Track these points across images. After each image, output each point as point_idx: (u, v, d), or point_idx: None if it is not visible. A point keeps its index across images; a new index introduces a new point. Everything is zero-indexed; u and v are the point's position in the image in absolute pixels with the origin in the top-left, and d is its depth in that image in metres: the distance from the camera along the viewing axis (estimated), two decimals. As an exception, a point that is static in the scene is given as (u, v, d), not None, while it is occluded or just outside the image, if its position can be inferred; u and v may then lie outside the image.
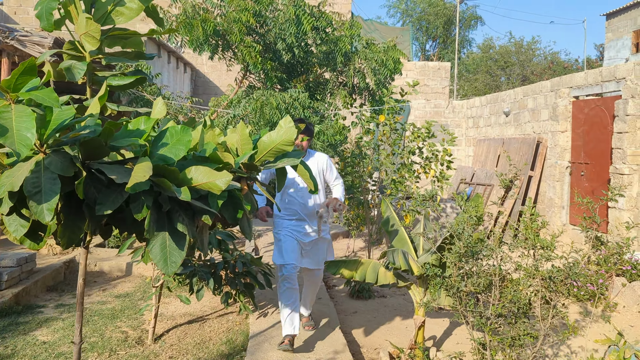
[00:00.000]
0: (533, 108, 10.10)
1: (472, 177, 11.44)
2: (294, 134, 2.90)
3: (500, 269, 3.00)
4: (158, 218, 2.62)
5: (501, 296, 2.98)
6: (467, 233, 2.92)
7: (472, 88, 27.16)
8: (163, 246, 2.60)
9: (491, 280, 3.00)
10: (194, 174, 2.54)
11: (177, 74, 13.59)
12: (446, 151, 6.10)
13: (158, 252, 2.55)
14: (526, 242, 3.15)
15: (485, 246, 2.93)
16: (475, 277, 2.96)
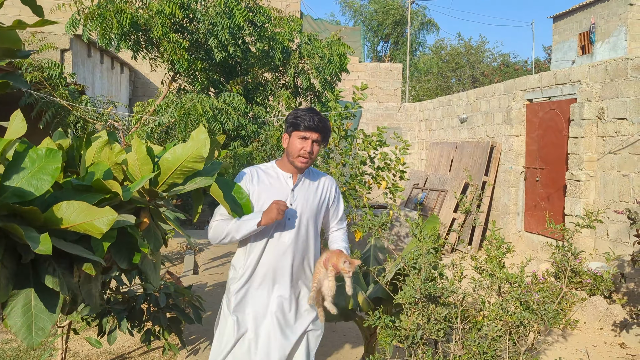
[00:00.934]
0: (486, 111, 9.81)
1: (425, 181, 11.07)
2: (203, 148, 2.28)
3: (463, 312, 2.48)
4: (17, 272, 1.96)
5: (464, 345, 2.46)
6: (425, 272, 2.38)
7: (424, 89, 27.11)
8: (26, 309, 1.94)
9: (452, 325, 2.48)
10: (65, 212, 1.88)
11: (113, 75, 12.64)
12: (399, 160, 5.60)
13: (19, 317, 1.90)
14: (492, 278, 2.65)
15: (444, 289, 2.39)
16: (433, 322, 2.42)
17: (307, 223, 2.54)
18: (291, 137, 2.52)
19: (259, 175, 2.55)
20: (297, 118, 2.48)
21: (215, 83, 5.29)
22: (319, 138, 2.51)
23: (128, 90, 14.57)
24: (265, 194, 2.49)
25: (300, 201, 2.53)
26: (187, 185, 2.41)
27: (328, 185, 2.69)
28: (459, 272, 2.73)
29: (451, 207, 9.43)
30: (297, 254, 2.53)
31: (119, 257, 2.14)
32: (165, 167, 2.31)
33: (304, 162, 2.50)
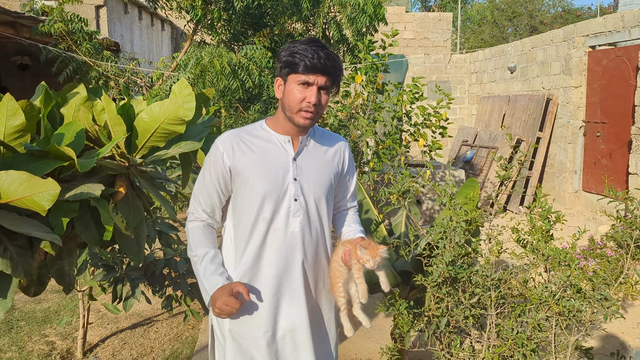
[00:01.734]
0: (543, 61, 8.98)
1: (475, 138, 10.42)
2: (183, 108, 1.94)
3: (498, 296, 2.09)
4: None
5: (499, 334, 2.08)
6: (449, 253, 1.99)
7: (478, 40, 25.67)
8: (-30, 295, 1.70)
9: (485, 311, 2.09)
10: (2, 183, 1.60)
11: (153, 32, 12.44)
12: (439, 116, 5.10)
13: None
14: (536, 254, 2.22)
15: (475, 272, 2.00)
16: (461, 308, 2.04)
17: (317, 204, 1.89)
18: (287, 82, 1.79)
19: (243, 142, 1.86)
20: (294, 55, 1.74)
21: (237, 35, 4.90)
22: (327, 83, 1.77)
23: (170, 47, 14.39)
24: (257, 170, 1.82)
25: (306, 174, 1.86)
26: (170, 150, 2.10)
27: (341, 149, 2.01)
28: (495, 248, 2.32)
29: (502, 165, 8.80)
30: (309, 250, 1.88)
31: (86, 234, 1.87)
32: (142, 129, 1.99)
33: (307, 119, 1.78)
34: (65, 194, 1.80)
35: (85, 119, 2.07)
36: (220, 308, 1.73)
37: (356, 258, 1.73)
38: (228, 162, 1.85)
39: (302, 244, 1.86)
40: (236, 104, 4.63)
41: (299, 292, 1.87)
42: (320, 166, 1.93)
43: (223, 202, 1.95)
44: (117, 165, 1.99)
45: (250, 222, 1.86)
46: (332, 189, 1.95)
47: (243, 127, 1.95)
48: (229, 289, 1.76)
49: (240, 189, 1.86)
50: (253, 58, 4.18)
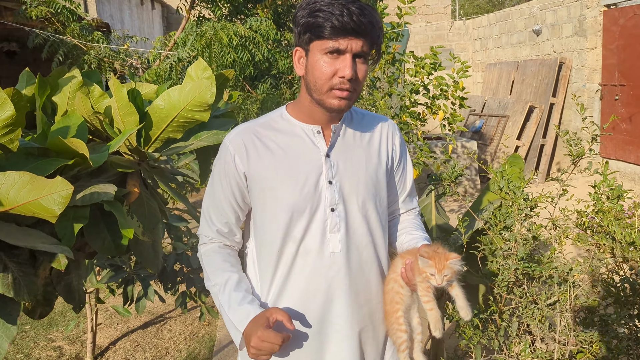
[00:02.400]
0: (553, 23, 8.60)
1: (483, 107, 10.09)
2: (208, 91, 1.62)
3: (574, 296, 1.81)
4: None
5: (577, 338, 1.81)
6: (522, 249, 1.70)
7: (474, 7, 25.10)
8: (-31, 325, 1.41)
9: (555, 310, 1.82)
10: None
11: (143, 12, 11.96)
12: (457, 85, 4.77)
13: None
14: (611, 242, 1.94)
15: (555, 268, 1.71)
16: (530, 310, 1.77)
17: (364, 213, 1.43)
18: (310, 53, 1.34)
19: (259, 139, 1.43)
20: (316, 14, 1.29)
21: (239, 8, 4.53)
22: (365, 47, 1.31)
23: (162, 27, 13.91)
24: (279, 174, 1.40)
25: (345, 174, 1.42)
26: (190, 142, 1.79)
27: (389, 134, 1.54)
28: (562, 236, 2.04)
29: (514, 134, 8.51)
30: (356, 277, 1.42)
31: (98, 243, 1.57)
32: (157, 118, 1.67)
33: (343, 99, 1.34)
34: (74, 197, 1.50)
35: (84, 107, 1.75)
36: (256, 347, 1.29)
37: (419, 272, 1.31)
38: (242, 167, 1.43)
39: (346, 269, 1.40)
40: (242, 83, 4.29)
41: (344, 334, 1.42)
42: (363, 161, 1.46)
43: (242, 218, 1.53)
44: (128, 162, 1.69)
45: (276, 243, 1.41)
46: (382, 189, 1.50)
47: (257, 118, 1.52)
48: (263, 319, 1.32)
49: (260, 201, 1.43)
50: (259, 30, 3.82)
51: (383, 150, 1.52)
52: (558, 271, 1.71)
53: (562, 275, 1.73)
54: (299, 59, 1.40)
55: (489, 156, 8.88)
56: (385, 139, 1.54)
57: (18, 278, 1.42)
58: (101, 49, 4.65)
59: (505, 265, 1.74)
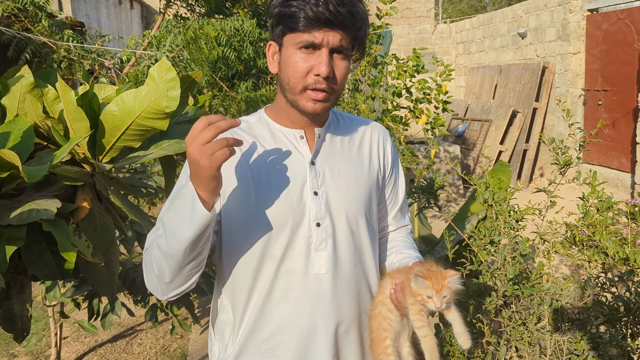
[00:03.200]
0: (536, 27, 8.56)
1: (466, 111, 10.03)
2: (165, 97, 1.45)
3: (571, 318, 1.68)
4: None
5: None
6: (513, 267, 1.57)
7: (457, 11, 25.21)
8: None
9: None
10: None
11: (122, 11, 11.70)
12: (440, 89, 4.66)
13: None
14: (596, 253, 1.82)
15: (547, 290, 1.58)
16: (519, 332, 1.64)
17: (353, 228, 1.27)
18: (284, 48, 1.19)
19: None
20: (289, 2, 1.14)
21: (219, 6, 4.37)
22: (344, 42, 1.16)
23: (140, 27, 13.65)
24: (257, 183, 1.21)
25: (332, 184, 1.25)
26: (149, 152, 1.62)
27: (379, 140, 1.38)
28: (550, 251, 1.91)
29: (497, 138, 8.45)
30: (344, 301, 1.26)
31: (38, 267, 1.39)
32: (110, 125, 1.50)
33: (318, 101, 1.18)
34: (8, 215, 1.33)
35: (34, 111, 1.57)
36: (207, 150, 0.99)
37: (413, 294, 1.14)
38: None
39: (332, 292, 1.23)
40: (220, 84, 4.13)
41: None
42: (352, 169, 1.29)
43: None
44: (78, 173, 1.51)
45: (252, 263, 1.22)
46: (373, 201, 1.33)
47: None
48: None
49: (234, 212, 1.22)
50: (242, 28, 3.67)
51: (374, 159, 1.35)
52: (549, 292, 1.58)
53: (554, 296, 1.61)
54: (273, 54, 1.24)
55: (471, 161, 8.81)
56: (376, 146, 1.37)
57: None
58: (71, 47, 4.45)
59: (493, 285, 1.60)
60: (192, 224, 1.03)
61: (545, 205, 2.03)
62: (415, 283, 1.13)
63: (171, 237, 1.06)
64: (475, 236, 1.90)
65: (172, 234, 1.06)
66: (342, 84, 1.21)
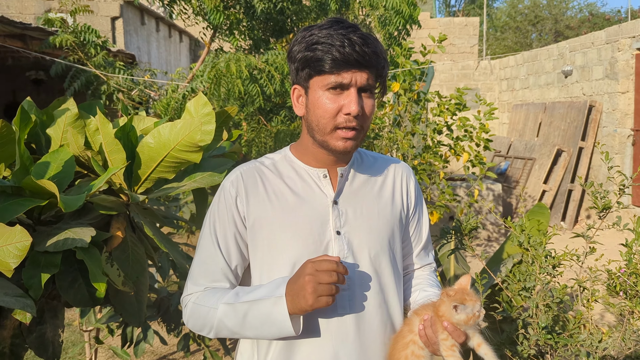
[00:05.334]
0: (583, 65, 8.41)
1: (509, 148, 9.86)
2: (199, 132, 1.49)
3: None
4: None
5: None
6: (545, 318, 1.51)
7: (502, 47, 25.06)
8: None
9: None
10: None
11: (171, 44, 12.18)
12: (483, 127, 4.60)
13: None
14: None
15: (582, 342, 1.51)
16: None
17: (376, 267, 1.27)
18: (310, 90, 1.22)
19: (261, 180, 1.28)
20: (314, 47, 1.17)
21: (258, 42, 4.49)
22: (370, 80, 1.19)
23: (188, 59, 14.14)
24: (280, 222, 1.24)
25: (355, 223, 1.27)
26: (183, 184, 1.66)
27: (402, 179, 1.38)
28: (590, 299, 1.83)
29: (540, 177, 8.24)
30: (368, 341, 1.24)
31: (70, 294, 1.42)
32: (146, 157, 1.55)
33: (349, 139, 1.20)
34: (45, 242, 1.37)
35: (75, 142, 1.64)
36: (319, 290, 1.08)
37: (445, 329, 1.11)
38: (243, 210, 1.25)
39: (356, 332, 1.22)
40: (257, 116, 4.21)
41: None
42: (375, 209, 1.30)
43: (237, 274, 1.29)
44: (113, 203, 1.56)
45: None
46: (396, 240, 1.32)
47: (259, 159, 1.35)
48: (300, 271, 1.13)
49: (258, 252, 1.25)
50: (274, 64, 3.75)
51: (397, 197, 1.35)
52: (586, 344, 1.51)
53: (590, 348, 1.53)
54: (298, 97, 1.27)
55: (514, 199, 8.60)
56: (399, 184, 1.37)
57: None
58: (120, 79, 4.65)
59: (526, 334, 1.54)
60: (275, 334, 1.15)
61: (584, 251, 1.95)
62: (462, 310, 1.12)
63: (248, 330, 1.18)
64: (509, 280, 1.84)
65: (251, 329, 1.17)
66: (369, 121, 1.23)
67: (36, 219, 1.51)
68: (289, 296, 1.12)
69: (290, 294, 1.12)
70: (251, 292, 1.19)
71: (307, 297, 1.08)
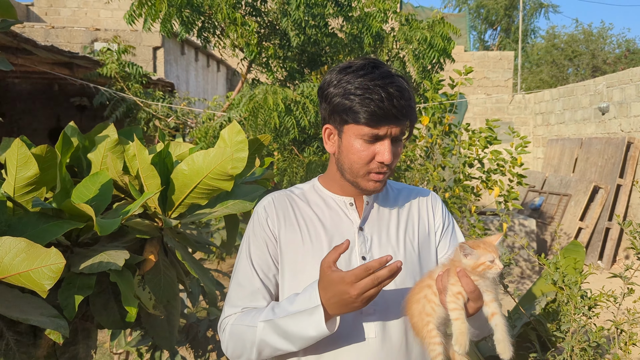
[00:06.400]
0: (621, 101, 8.26)
1: (544, 184, 9.68)
2: (231, 160, 1.53)
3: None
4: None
5: None
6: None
7: (537, 80, 24.86)
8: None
9: None
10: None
11: (209, 73, 12.51)
12: (515, 161, 4.55)
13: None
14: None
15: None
16: None
17: (401, 288, 1.28)
18: (344, 134, 1.25)
19: (292, 207, 1.34)
20: (350, 96, 1.19)
21: (293, 73, 4.58)
22: (403, 129, 1.24)
23: (225, 88, 14.48)
24: (308, 248, 1.29)
25: (380, 249, 1.30)
26: (215, 209, 1.69)
27: (428, 206, 1.41)
28: (628, 342, 1.77)
29: (576, 214, 8.04)
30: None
31: (103, 316, 1.46)
32: (180, 183, 1.59)
33: (379, 182, 1.27)
34: (80, 264, 1.42)
35: (114, 167, 1.70)
36: (364, 295, 1.08)
37: (473, 268, 1.09)
38: (275, 230, 1.31)
39: (381, 357, 1.23)
40: (290, 146, 4.27)
41: None
42: (402, 234, 1.32)
43: (272, 294, 1.32)
44: (147, 227, 1.60)
45: None
46: (423, 265, 1.33)
47: (289, 188, 1.41)
48: (327, 271, 1.12)
49: (287, 274, 1.29)
50: (310, 96, 3.82)
51: (424, 220, 1.38)
52: (623, 390, 1.45)
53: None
54: (329, 135, 1.32)
55: (548, 236, 8.40)
56: (424, 209, 1.40)
57: (13, 347, 1.33)
58: (159, 107, 4.80)
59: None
60: (314, 339, 1.16)
61: (622, 292, 1.89)
62: (471, 255, 1.10)
63: (290, 344, 1.19)
64: (542, 320, 1.80)
65: (293, 341, 1.18)
66: (397, 160, 1.29)
67: (74, 241, 1.56)
68: (329, 303, 1.12)
69: (331, 302, 1.12)
70: (286, 304, 1.21)
71: (358, 307, 1.11)
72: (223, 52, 4.37)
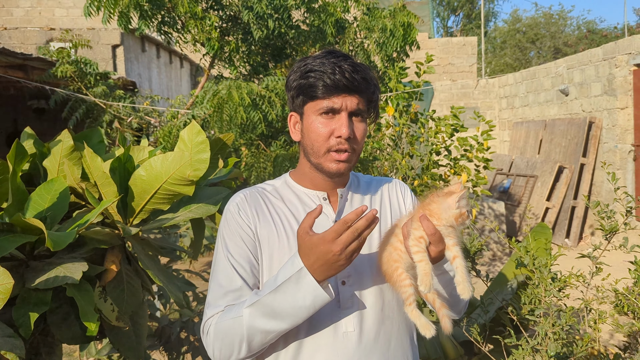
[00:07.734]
0: (581, 82, 8.43)
1: (511, 166, 9.84)
2: (189, 164, 1.47)
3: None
4: None
5: None
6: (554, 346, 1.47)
7: (501, 64, 25.22)
8: None
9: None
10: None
11: (172, 70, 12.27)
12: (481, 146, 4.59)
13: None
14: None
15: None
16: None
17: (378, 280, 1.28)
18: (305, 116, 1.28)
19: (265, 204, 1.31)
20: (307, 75, 1.23)
21: (257, 67, 4.51)
22: (361, 105, 1.25)
23: (190, 84, 14.24)
24: (285, 244, 1.26)
25: None
26: (178, 214, 1.64)
27: (398, 194, 1.43)
28: (597, 321, 1.79)
29: (543, 194, 8.20)
30: (373, 355, 1.24)
31: (62, 331, 1.39)
32: (139, 189, 1.53)
33: (342, 161, 1.25)
34: (35, 279, 1.35)
35: (71, 173, 1.63)
36: (347, 250, 1.07)
37: (419, 220, 1.11)
38: (252, 224, 1.27)
39: (360, 350, 1.22)
40: (257, 141, 4.21)
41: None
42: (376, 226, 1.25)
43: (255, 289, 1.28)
44: (107, 235, 1.53)
45: None
46: None
47: (260, 184, 1.39)
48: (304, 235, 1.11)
49: (264, 272, 1.26)
50: (275, 89, 3.76)
51: (395, 209, 1.41)
52: None
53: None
54: (295, 124, 1.34)
55: (517, 217, 8.55)
56: (395, 199, 1.43)
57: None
58: (120, 107, 4.67)
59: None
60: (310, 307, 1.11)
61: (590, 271, 1.92)
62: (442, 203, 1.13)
63: (282, 319, 1.13)
64: (514, 304, 1.81)
65: (285, 317, 1.12)
66: (362, 144, 1.30)
67: (29, 254, 1.49)
68: (314, 268, 1.09)
69: (315, 266, 1.09)
70: (268, 285, 1.17)
71: (343, 265, 1.09)
72: (185, 47, 4.27)
